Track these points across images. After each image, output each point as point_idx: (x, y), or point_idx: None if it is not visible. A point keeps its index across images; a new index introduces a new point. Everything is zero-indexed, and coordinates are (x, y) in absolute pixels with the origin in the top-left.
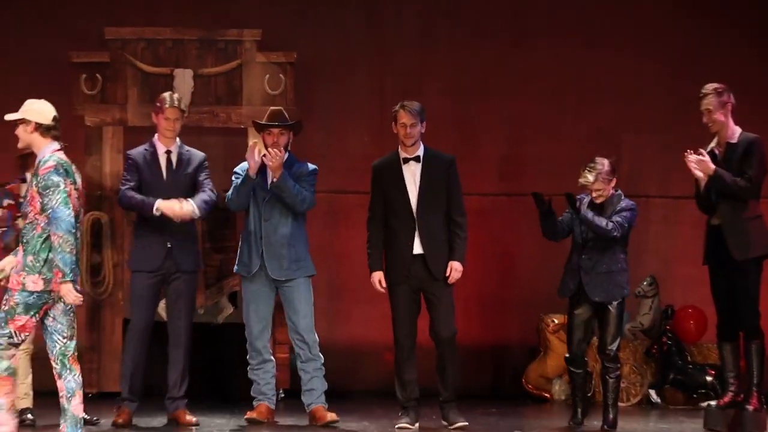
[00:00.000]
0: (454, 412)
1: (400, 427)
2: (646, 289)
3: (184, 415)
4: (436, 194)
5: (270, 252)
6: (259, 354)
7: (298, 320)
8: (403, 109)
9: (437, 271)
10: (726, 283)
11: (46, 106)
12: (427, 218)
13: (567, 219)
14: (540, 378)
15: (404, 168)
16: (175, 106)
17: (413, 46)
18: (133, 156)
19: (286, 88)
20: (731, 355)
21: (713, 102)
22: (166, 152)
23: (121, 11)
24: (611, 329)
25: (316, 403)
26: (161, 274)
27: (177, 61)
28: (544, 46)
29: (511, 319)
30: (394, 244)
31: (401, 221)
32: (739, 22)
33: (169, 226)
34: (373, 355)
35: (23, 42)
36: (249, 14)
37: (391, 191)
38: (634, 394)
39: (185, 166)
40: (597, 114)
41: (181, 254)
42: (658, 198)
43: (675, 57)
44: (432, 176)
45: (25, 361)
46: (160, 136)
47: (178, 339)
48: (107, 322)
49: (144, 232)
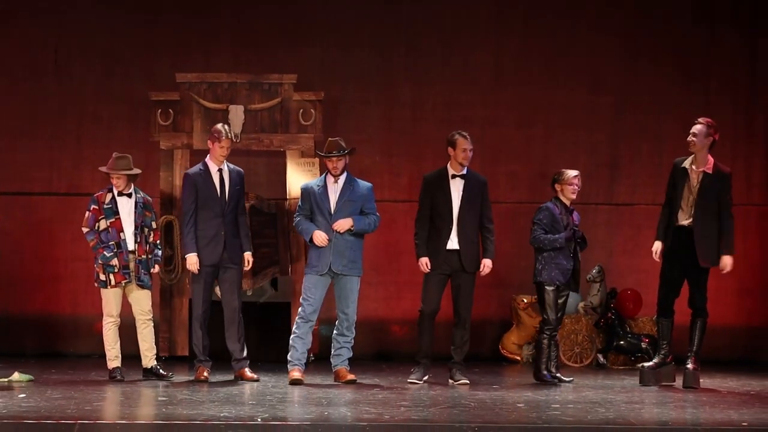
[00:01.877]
0: (460, 372)
1: (410, 381)
2: (595, 275)
3: (247, 372)
4: (473, 205)
5: (336, 253)
6: (305, 324)
7: (346, 303)
8: (462, 137)
9: (468, 265)
10: (680, 274)
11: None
12: (464, 222)
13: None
14: (513, 345)
15: (451, 182)
16: (229, 138)
17: (415, 84)
18: (191, 174)
19: (316, 119)
20: (666, 329)
21: (702, 130)
22: (218, 171)
23: (188, 60)
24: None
25: (341, 365)
26: (217, 265)
27: (231, 98)
28: (516, 85)
29: (490, 298)
30: (437, 240)
31: (444, 222)
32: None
33: (224, 227)
34: (381, 327)
35: (109, 82)
36: (287, 63)
37: (439, 199)
38: (586, 357)
39: (233, 182)
40: (555, 141)
41: (232, 249)
42: (604, 205)
43: (620, 92)
44: (472, 191)
45: (114, 330)
46: (212, 158)
47: (234, 315)
48: (176, 301)
49: (204, 232)
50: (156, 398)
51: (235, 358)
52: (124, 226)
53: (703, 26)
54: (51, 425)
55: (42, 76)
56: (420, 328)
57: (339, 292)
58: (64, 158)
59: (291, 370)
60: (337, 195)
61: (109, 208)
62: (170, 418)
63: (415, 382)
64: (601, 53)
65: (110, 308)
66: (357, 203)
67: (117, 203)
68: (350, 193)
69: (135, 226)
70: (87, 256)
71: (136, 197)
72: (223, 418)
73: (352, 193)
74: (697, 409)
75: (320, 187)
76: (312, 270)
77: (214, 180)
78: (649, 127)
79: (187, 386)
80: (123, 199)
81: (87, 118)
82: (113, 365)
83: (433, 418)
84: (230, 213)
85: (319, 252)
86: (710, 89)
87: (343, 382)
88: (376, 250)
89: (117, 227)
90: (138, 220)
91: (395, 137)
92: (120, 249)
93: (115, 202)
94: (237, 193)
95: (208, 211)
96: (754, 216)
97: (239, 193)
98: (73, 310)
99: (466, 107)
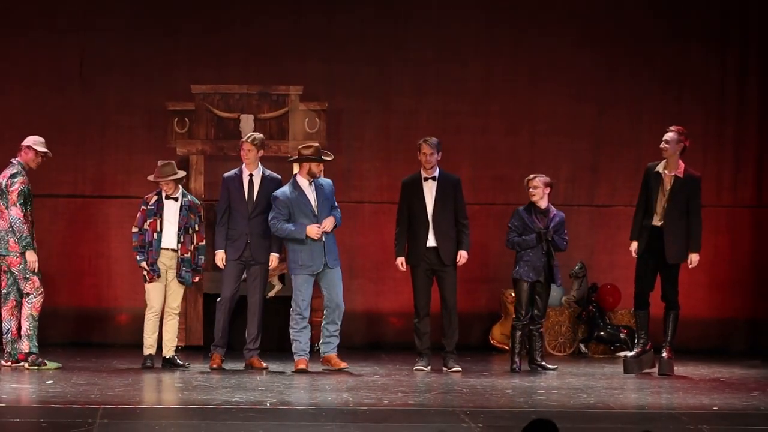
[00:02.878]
0: (453, 360)
1: (417, 368)
2: (577, 271)
3: (257, 361)
4: (446, 204)
5: (327, 249)
6: (303, 320)
7: (336, 294)
8: (425, 142)
9: (446, 258)
10: (653, 271)
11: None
12: (439, 221)
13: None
14: (502, 335)
15: (424, 185)
16: (248, 141)
17: (411, 95)
18: (225, 178)
19: (320, 128)
20: (643, 320)
21: (674, 137)
22: (249, 175)
23: (203, 72)
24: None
25: (331, 352)
26: (243, 261)
27: (242, 108)
28: (509, 92)
29: (480, 292)
30: (416, 239)
31: (420, 222)
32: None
33: (249, 228)
34: (380, 319)
35: (129, 93)
36: (294, 75)
37: (414, 201)
38: (568, 347)
39: (264, 187)
40: (540, 147)
41: (257, 249)
42: (586, 206)
43: (600, 101)
44: (444, 191)
45: (154, 320)
46: (245, 164)
47: (254, 308)
48: (192, 295)
49: (232, 232)
50: (173, 384)
51: (247, 347)
52: (165, 227)
53: (677, 41)
54: (76, 409)
55: (67, 87)
56: (416, 322)
57: (328, 285)
58: (88, 164)
59: (297, 360)
60: (315, 196)
61: (152, 210)
62: (187, 403)
63: (422, 369)
64: (583, 66)
65: (151, 301)
66: (329, 200)
67: (162, 206)
68: (323, 192)
69: (179, 227)
70: (109, 254)
71: (182, 200)
72: (235, 402)
73: (324, 192)
74: (671, 394)
75: (295, 192)
76: (304, 270)
77: (244, 184)
78: (627, 134)
79: (202, 374)
80: (170, 202)
81: (109, 127)
82: (148, 352)
83: (429, 402)
84: (258, 216)
85: (311, 251)
86: (683, 99)
87: (337, 369)
88: (375, 248)
89: (153, 228)
90: (182, 221)
91: (393, 144)
92: (151, 247)
93: (157, 204)
94: (267, 198)
95: (236, 213)
96: (724, 216)
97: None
98: (97, 303)
99: (458, 116)
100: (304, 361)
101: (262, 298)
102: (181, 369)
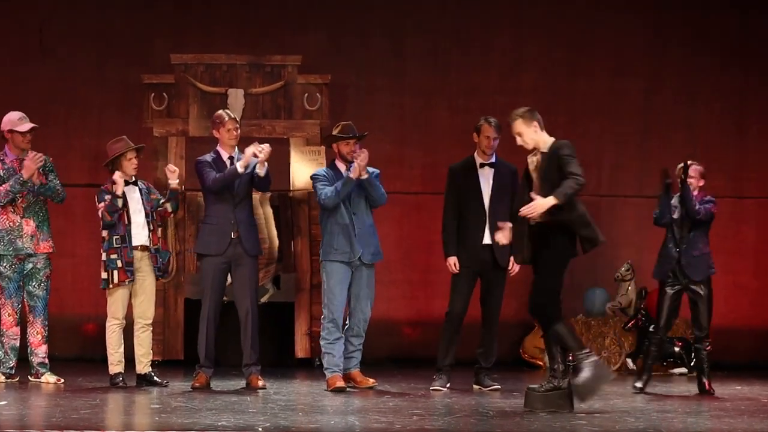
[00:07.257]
0: (490, 377)
1: (434, 388)
2: (624, 273)
3: (256, 380)
4: (504, 195)
5: (362, 241)
6: (337, 329)
7: (366, 304)
8: (488, 123)
9: (502, 260)
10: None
11: None
12: (496, 214)
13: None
14: (534, 348)
15: (480, 171)
16: (233, 117)
17: (426, 70)
18: (203, 159)
19: (322, 104)
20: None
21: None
22: (229, 158)
23: (184, 39)
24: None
25: (354, 368)
26: (228, 257)
27: (230, 82)
28: (535, 72)
29: (509, 297)
30: (468, 235)
31: (475, 216)
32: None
33: (236, 217)
34: (391, 329)
35: (101, 65)
36: (291, 43)
37: (468, 190)
38: (613, 362)
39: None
40: (584, 127)
41: (247, 241)
42: (634, 198)
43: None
44: (502, 180)
45: (118, 333)
46: (223, 146)
47: (245, 317)
48: (171, 301)
49: (213, 221)
50: (149, 405)
51: (245, 364)
52: (132, 218)
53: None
54: None
55: (27, 59)
56: (444, 332)
57: (358, 288)
58: (50, 147)
59: (330, 377)
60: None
61: (121, 199)
62: (164, 428)
63: (439, 389)
64: (628, 36)
65: (116, 310)
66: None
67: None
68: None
69: (146, 214)
70: (72, 252)
71: (140, 184)
72: (222, 426)
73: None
74: (734, 419)
75: (331, 172)
76: (338, 255)
77: (227, 167)
78: (680, 115)
79: (183, 393)
80: (129, 188)
81: (76, 105)
82: (116, 370)
83: (449, 428)
84: (243, 201)
85: (349, 236)
86: (749, 73)
87: (364, 387)
88: (385, 246)
89: (122, 220)
90: (147, 206)
91: (407, 126)
92: (125, 244)
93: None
94: (249, 180)
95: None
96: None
97: (250, 179)
98: (59, 311)
99: (483, 94)
100: (340, 377)
101: (254, 305)
102: (158, 387)
